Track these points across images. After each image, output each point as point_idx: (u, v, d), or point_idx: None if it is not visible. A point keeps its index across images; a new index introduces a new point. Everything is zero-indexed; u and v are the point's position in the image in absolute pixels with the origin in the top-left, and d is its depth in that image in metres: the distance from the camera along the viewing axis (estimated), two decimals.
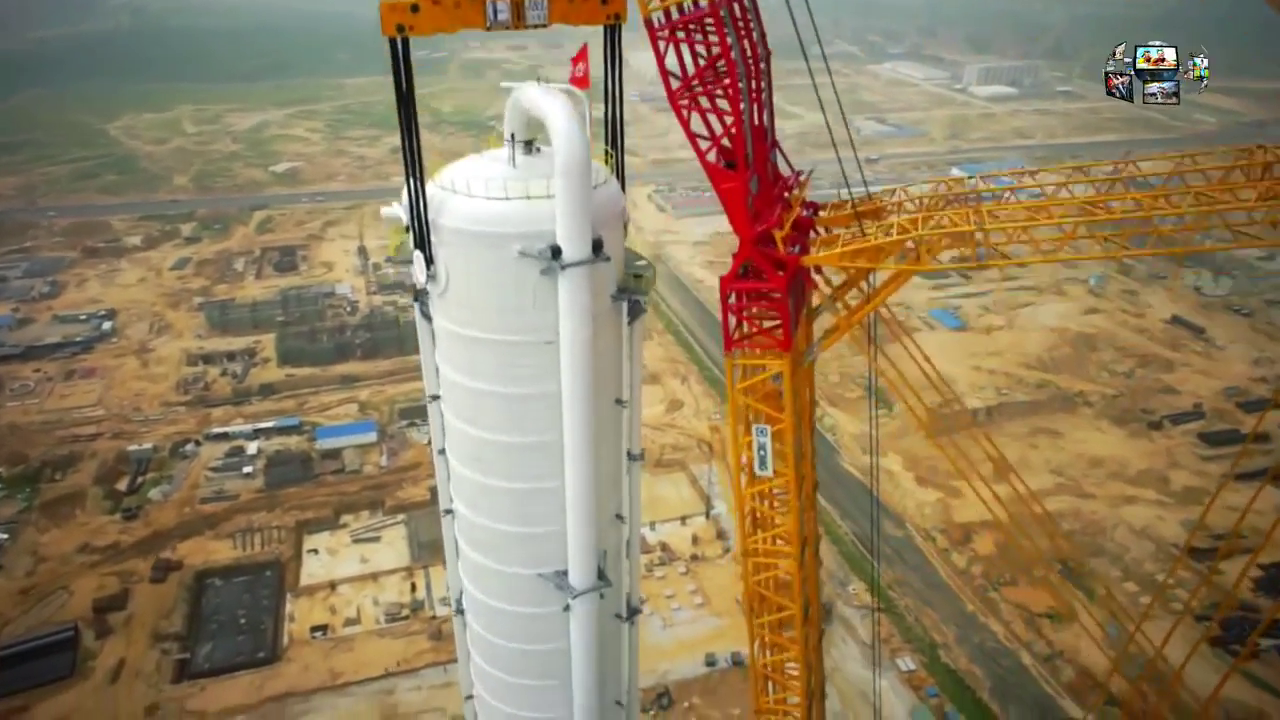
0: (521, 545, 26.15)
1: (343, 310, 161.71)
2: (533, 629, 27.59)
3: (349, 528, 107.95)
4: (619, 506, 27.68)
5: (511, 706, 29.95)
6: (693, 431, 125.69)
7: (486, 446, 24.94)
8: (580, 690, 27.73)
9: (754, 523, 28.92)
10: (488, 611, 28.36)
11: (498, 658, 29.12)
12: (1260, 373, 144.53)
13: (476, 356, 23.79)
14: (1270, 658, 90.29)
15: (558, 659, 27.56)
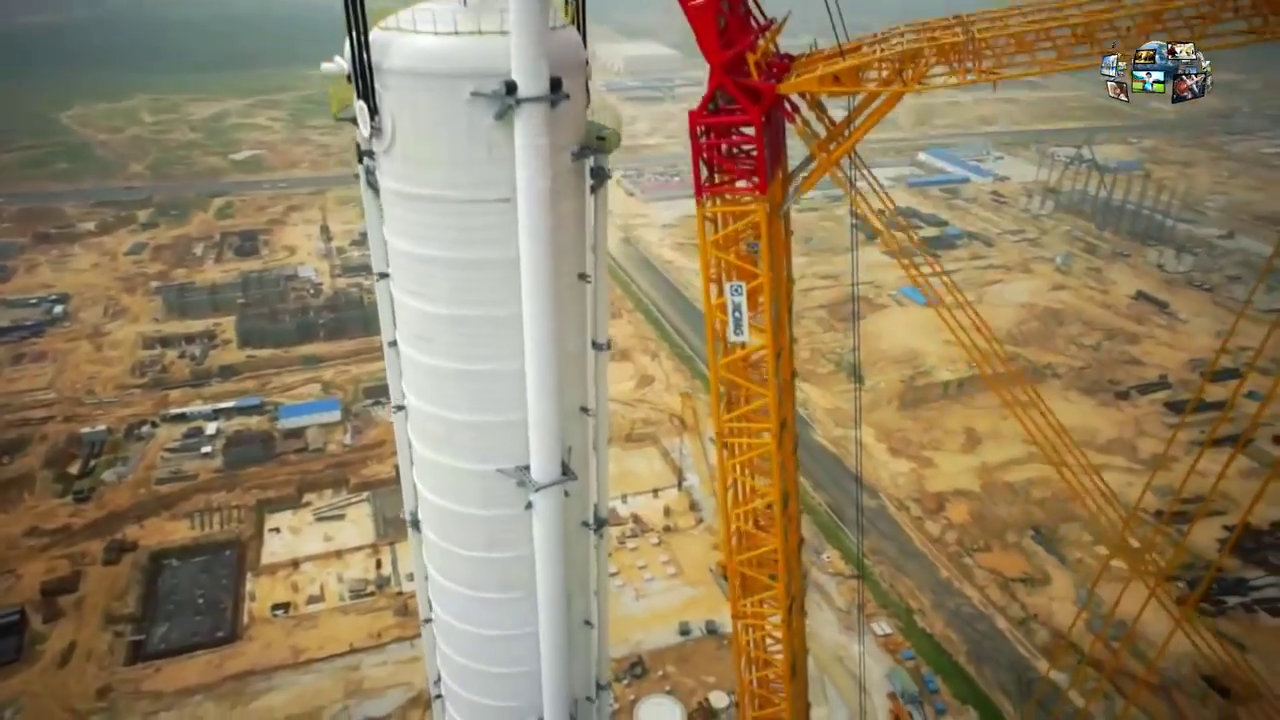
0: (478, 436, 24.18)
1: (306, 292, 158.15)
2: (493, 533, 25.63)
3: (312, 506, 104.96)
4: (584, 399, 25.85)
5: (473, 625, 27.96)
6: (664, 406, 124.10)
7: (437, 323, 22.97)
8: (546, 602, 25.80)
9: (729, 402, 26.90)
10: (443, 517, 26.38)
11: (456, 570, 27.15)
12: (1219, 341, 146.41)
13: (425, 219, 21.85)
14: (1236, 614, 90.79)
15: (520, 568, 25.63)
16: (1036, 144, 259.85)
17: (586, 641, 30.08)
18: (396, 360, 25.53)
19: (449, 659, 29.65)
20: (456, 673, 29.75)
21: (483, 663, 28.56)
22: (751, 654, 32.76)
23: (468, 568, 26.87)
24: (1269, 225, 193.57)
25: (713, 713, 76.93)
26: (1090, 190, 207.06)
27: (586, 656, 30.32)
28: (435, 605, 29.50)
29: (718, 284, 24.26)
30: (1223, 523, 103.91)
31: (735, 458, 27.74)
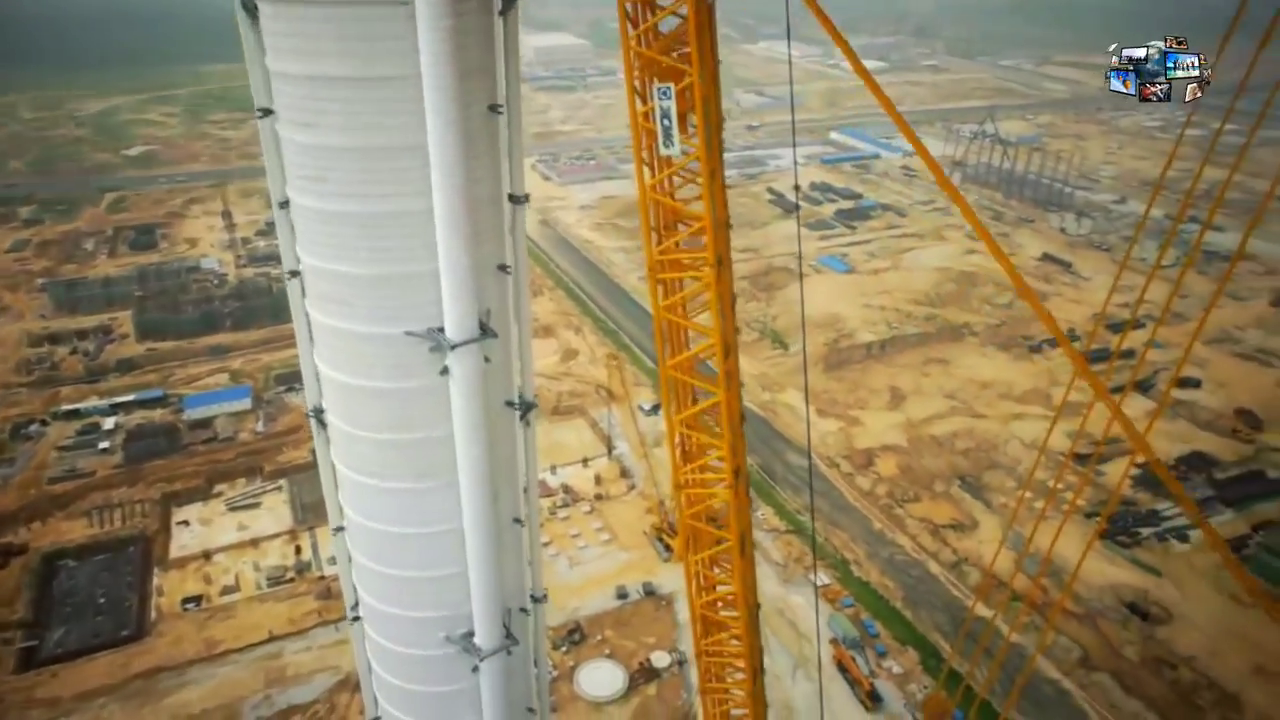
0: (381, 293, 21.26)
1: (210, 283, 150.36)
2: (404, 410, 22.54)
3: (224, 497, 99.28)
4: (502, 255, 23.42)
5: (387, 523, 24.99)
6: (590, 378, 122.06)
7: (330, 157, 20.24)
8: (469, 487, 23.12)
9: (660, 235, 24.58)
10: (347, 398, 23.20)
11: (364, 458, 23.99)
12: (1121, 299, 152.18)
13: (312, 29, 19.28)
14: (1150, 544, 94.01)
15: (437, 451, 22.83)
16: (942, 122, 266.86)
17: (517, 542, 27.67)
18: (288, 220, 22.76)
19: (364, 568, 26.85)
20: (373, 583, 26.97)
21: (401, 567, 25.75)
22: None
23: (377, 454, 24.00)
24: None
25: (655, 672, 75.31)
26: (994, 163, 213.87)
27: (518, 559, 27.90)
28: (346, 507, 26.58)
29: (642, 92, 22.09)
30: (1132, 460, 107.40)
31: (665, 273, 25.21)
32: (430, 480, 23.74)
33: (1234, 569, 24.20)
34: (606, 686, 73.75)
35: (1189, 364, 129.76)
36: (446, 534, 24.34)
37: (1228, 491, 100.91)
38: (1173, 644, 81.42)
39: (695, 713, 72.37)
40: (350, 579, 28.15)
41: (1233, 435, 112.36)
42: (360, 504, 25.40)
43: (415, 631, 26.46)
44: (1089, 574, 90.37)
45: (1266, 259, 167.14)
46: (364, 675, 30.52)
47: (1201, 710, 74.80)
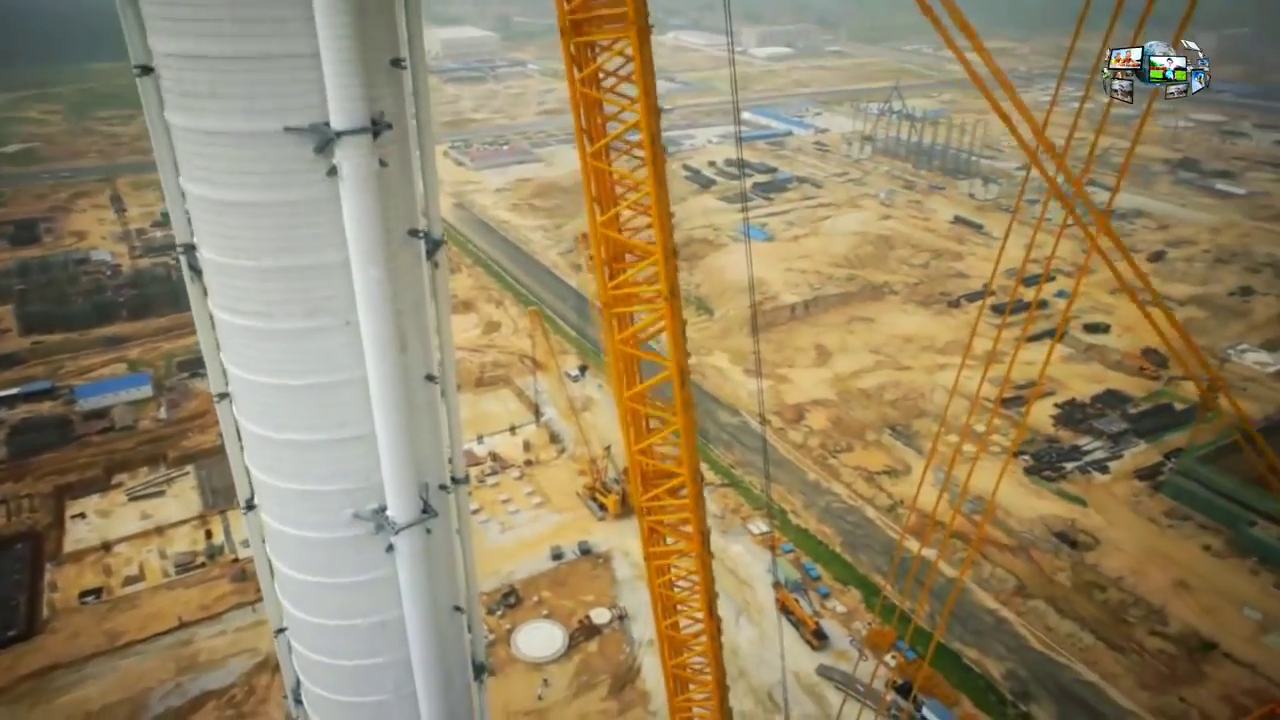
0: None
1: (102, 274, 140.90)
2: (289, 217, 19.61)
3: (125, 486, 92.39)
4: (395, 49, 20.52)
5: (271, 374, 21.76)
6: (513, 349, 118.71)
7: None
8: (370, 330, 20.30)
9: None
10: None
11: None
12: (1031, 255, 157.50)
13: None
14: (1074, 477, 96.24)
15: (328, 281, 20.04)
16: (850, 101, 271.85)
17: (432, 405, 24.47)
18: None
19: (254, 437, 23.08)
20: (265, 454, 23.40)
21: (295, 430, 22.18)
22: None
23: (259, 288, 20.21)
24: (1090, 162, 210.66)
25: (595, 629, 72.84)
26: (902, 136, 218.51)
27: (434, 424, 24.70)
28: (230, 365, 22.58)
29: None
30: (1053, 401, 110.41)
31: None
32: (323, 318, 20.48)
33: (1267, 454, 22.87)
34: (545, 647, 70.95)
35: (1098, 311, 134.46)
36: (346, 385, 21.15)
37: (1140, 424, 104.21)
38: (1101, 567, 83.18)
39: (639, 665, 70.26)
40: (240, 458, 24.63)
41: (1140, 373, 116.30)
42: (244, 354, 21.67)
43: (318, 510, 23.20)
44: (1019, 508, 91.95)
45: (1158, 215, 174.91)
46: (267, 586, 27.43)
47: (1131, 625, 76.45)
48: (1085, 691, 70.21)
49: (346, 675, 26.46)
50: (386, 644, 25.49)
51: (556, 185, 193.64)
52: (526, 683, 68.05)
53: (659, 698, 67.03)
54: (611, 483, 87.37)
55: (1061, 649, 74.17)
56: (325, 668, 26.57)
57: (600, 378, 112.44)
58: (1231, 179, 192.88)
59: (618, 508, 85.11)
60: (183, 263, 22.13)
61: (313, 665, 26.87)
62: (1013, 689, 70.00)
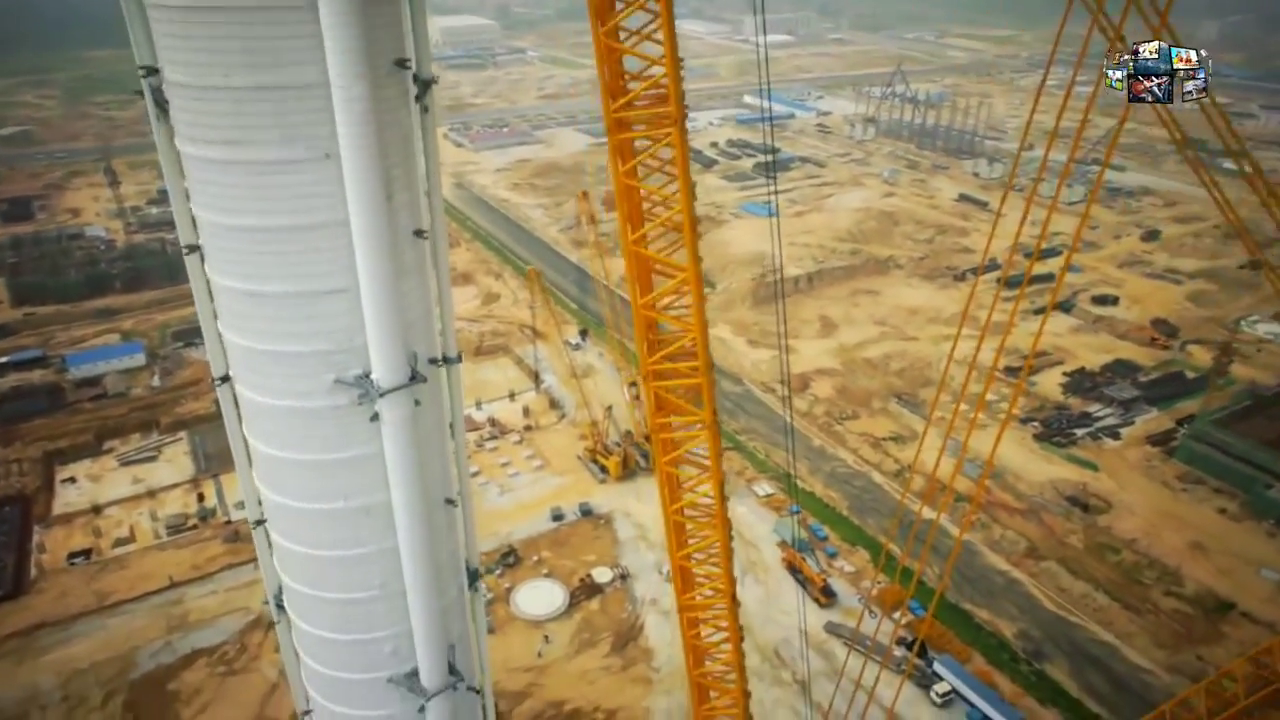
0: None
1: (96, 249, 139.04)
2: None
3: (116, 452, 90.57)
4: None
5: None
6: (512, 319, 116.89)
7: None
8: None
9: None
10: None
11: None
12: (1035, 232, 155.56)
13: None
14: (1085, 443, 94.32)
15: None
16: (852, 86, 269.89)
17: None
18: None
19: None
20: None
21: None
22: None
23: None
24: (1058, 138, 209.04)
25: (597, 587, 71.00)
26: (905, 118, 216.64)
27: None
28: None
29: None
30: (1061, 370, 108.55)
31: None
32: (299, 147, 18.47)
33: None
34: (546, 605, 69.10)
35: (1107, 285, 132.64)
36: (326, 229, 19.18)
37: (1152, 392, 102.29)
38: (1114, 530, 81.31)
39: (642, 623, 68.42)
40: (213, 323, 22.56)
41: (1151, 344, 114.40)
42: (212, 192, 19.62)
43: (296, 375, 21.24)
44: (1029, 472, 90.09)
45: (1165, 193, 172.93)
46: (243, 470, 25.46)
47: (1146, 586, 74.57)
48: (1100, 650, 68.32)
49: (329, 568, 24.32)
50: (372, 532, 23.48)
51: (556, 165, 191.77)
52: (526, 640, 66.22)
53: (662, 655, 65.28)
54: (613, 445, 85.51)
55: (1075, 609, 72.30)
56: (306, 560, 24.46)
57: (601, 345, 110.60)
58: (1240, 157, 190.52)
59: (619, 470, 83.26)
60: (146, 90, 20.05)
61: (293, 559, 24.81)
62: (1025, 648, 68.15)
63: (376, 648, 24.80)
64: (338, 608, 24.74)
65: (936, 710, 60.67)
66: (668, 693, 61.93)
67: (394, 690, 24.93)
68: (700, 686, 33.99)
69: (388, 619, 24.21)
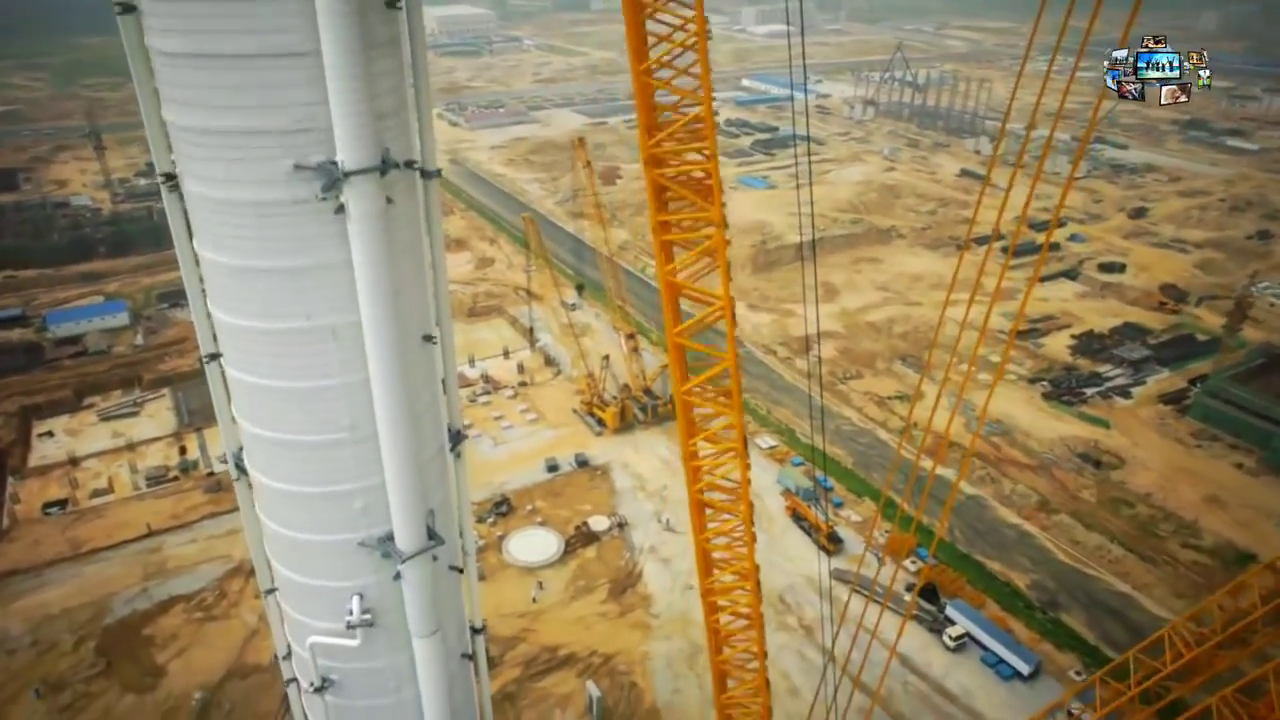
0: None
1: (82, 217, 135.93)
2: None
3: (97, 408, 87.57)
4: None
5: None
6: (507, 281, 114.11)
7: None
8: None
9: None
10: None
11: None
12: (1040, 204, 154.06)
13: None
14: (1095, 401, 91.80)
15: None
16: (851, 72, 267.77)
17: None
18: None
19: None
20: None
21: None
22: None
23: None
24: (1071, 119, 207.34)
25: (593, 536, 68.18)
26: (905, 100, 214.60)
27: None
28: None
29: None
30: (1069, 333, 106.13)
31: None
32: None
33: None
34: (540, 552, 66.24)
35: (1111, 254, 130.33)
36: None
37: (1162, 353, 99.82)
38: (1128, 485, 78.77)
39: (640, 571, 65.61)
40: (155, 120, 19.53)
41: (1159, 308, 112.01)
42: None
43: (249, 156, 18.22)
44: (1039, 430, 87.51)
45: (1169, 170, 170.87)
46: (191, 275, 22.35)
47: (1162, 539, 71.98)
48: (1117, 601, 65.67)
49: (291, 404, 20.83)
50: (339, 362, 20.17)
51: (553, 143, 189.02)
52: (520, 586, 63.39)
53: (661, 601, 62.56)
54: (609, 398, 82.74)
55: (1090, 561, 69.66)
56: (265, 395, 21.09)
57: (597, 306, 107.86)
58: (1244, 137, 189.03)
59: (616, 422, 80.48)
60: None
61: (251, 395, 21.46)
62: (1039, 598, 65.46)
63: (345, 502, 21.62)
64: (301, 454, 21.44)
65: (950, 655, 57.93)
66: (667, 638, 59.18)
67: (365, 556, 21.90)
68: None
69: (357, 469, 20.98)
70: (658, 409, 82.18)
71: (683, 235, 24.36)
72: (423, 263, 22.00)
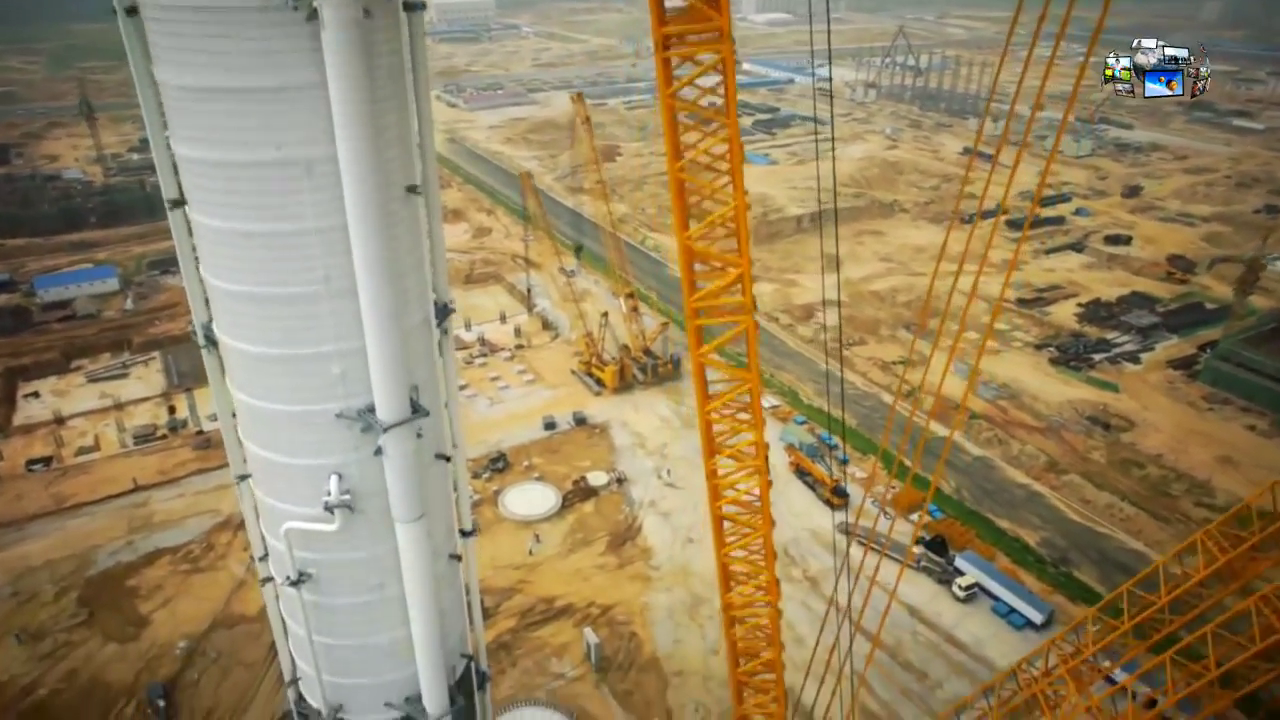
0: None
1: (74, 188, 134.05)
2: None
3: (85, 370, 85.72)
4: None
5: None
6: (504, 250, 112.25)
7: None
8: None
9: None
10: None
11: None
12: (1047, 180, 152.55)
13: None
14: (1104, 367, 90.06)
15: None
16: (853, 57, 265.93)
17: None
18: None
19: None
20: None
21: None
22: None
23: None
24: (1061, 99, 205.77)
25: (591, 490, 66.39)
26: (907, 84, 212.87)
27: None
28: None
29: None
30: (1076, 301, 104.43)
31: None
32: None
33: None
34: (537, 506, 64.45)
35: (1118, 227, 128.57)
36: None
37: (1171, 320, 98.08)
38: (1139, 446, 77.02)
39: (640, 524, 63.85)
40: None
41: (1168, 278, 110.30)
42: None
43: None
44: (1046, 393, 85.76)
45: (1174, 148, 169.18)
46: None
47: (1175, 498, 70.25)
48: (1128, 558, 63.86)
49: (259, 253, 18.76)
50: (312, 204, 18.37)
51: (552, 123, 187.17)
52: (516, 539, 61.62)
53: (661, 554, 60.79)
54: (609, 358, 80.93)
55: (1101, 519, 67.91)
56: (231, 241, 19.06)
57: (596, 274, 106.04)
58: (1249, 117, 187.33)
59: (615, 381, 78.69)
60: None
61: (217, 243, 19.42)
62: (1051, 555, 63.71)
63: (322, 367, 19.66)
64: (272, 310, 19.51)
65: (960, 606, 56.19)
66: (668, 590, 57.40)
67: (344, 430, 19.88)
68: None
69: (335, 329, 18.89)
70: (657, 368, 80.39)
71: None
72: (406, 107, 19.98)
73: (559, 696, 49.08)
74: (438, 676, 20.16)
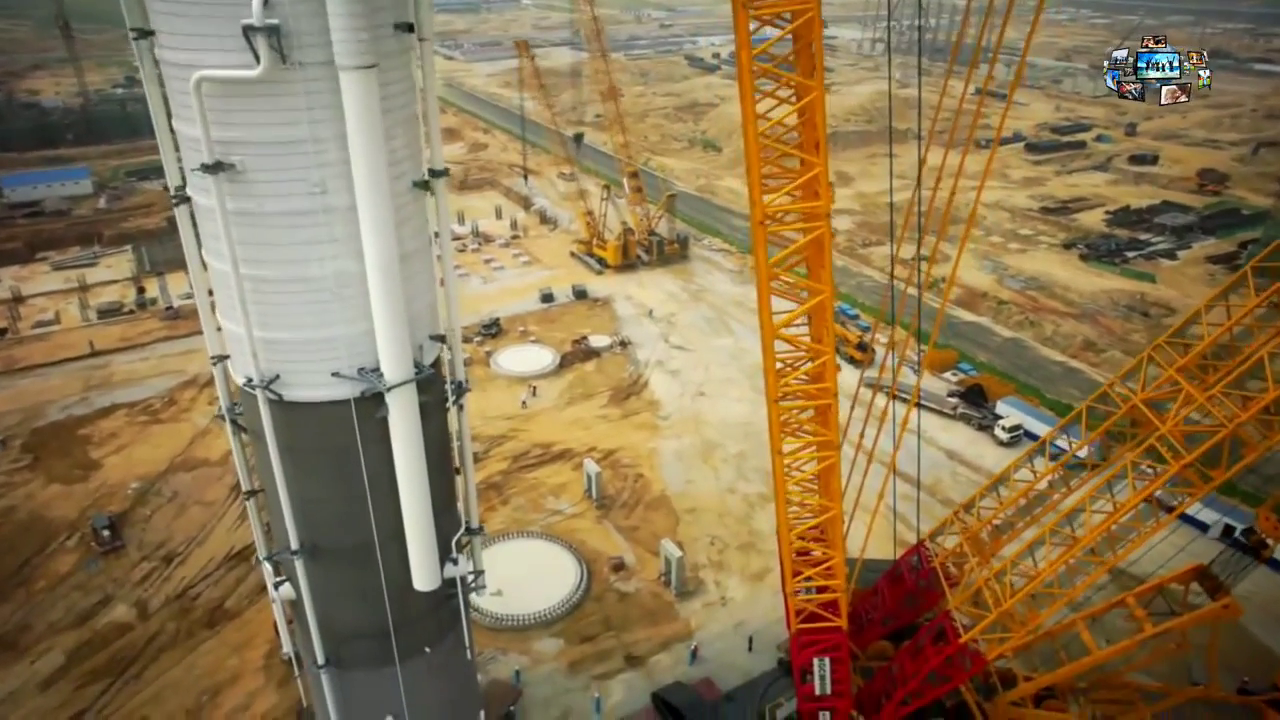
0: None
1: (52, 113, 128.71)
2: None
3: (51, 260, 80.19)
4: None
5: None
6: (501, 160, 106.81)
7: None
8: None
9: None
10: None
11: None
12: (1061, 114, 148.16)
13: None
14: (1138, 262, 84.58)
15: None
16: (858, 21, 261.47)
17: None
18: None
19: None
20: None
21: None
22: None
23: None
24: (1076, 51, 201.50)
25: (593, 352, 60.79)
26: (914, 38, 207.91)
27: None
28: None
29: None
30: (1104, 209, 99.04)
31: None
32: None
33: None
34: (532, 364, 58.87)
35: (1143, 149, 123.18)
36: None
37: (1207, 223, 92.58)
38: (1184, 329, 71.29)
39: (645, 380, 58.23)
40: None
41: (1199, 190, 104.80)
42: None
43: None
44: (1079, 284, 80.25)
45: (1195, 89, 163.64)
46: None
47: None
48: None
49: None
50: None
51: (552, 71, 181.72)
52: (509, 393, 55.99)
53: (670, 405, 55.17)
54: (612, 236, 75.42)
55: None
56: None
57: (596, 177, 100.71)
58: (1271, 63, 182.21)
59: (618, 258, 73.20)
60: None
61: None
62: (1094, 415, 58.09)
63: None
64: None
65: (1002, 449, 50.61)
66: (677, 437, 51.75)
67: None
68: None
69: None
70: (663, 247, 74.83)
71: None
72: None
73: (556, 531, 43.44)
74: (397, 333, 14.32)
